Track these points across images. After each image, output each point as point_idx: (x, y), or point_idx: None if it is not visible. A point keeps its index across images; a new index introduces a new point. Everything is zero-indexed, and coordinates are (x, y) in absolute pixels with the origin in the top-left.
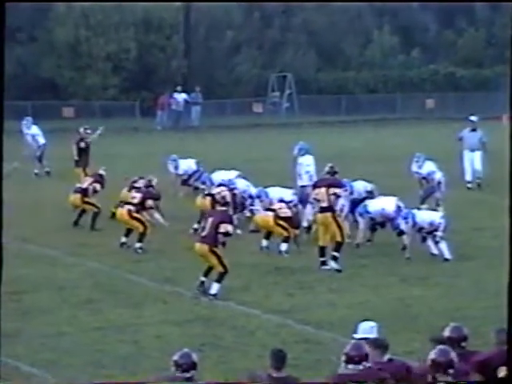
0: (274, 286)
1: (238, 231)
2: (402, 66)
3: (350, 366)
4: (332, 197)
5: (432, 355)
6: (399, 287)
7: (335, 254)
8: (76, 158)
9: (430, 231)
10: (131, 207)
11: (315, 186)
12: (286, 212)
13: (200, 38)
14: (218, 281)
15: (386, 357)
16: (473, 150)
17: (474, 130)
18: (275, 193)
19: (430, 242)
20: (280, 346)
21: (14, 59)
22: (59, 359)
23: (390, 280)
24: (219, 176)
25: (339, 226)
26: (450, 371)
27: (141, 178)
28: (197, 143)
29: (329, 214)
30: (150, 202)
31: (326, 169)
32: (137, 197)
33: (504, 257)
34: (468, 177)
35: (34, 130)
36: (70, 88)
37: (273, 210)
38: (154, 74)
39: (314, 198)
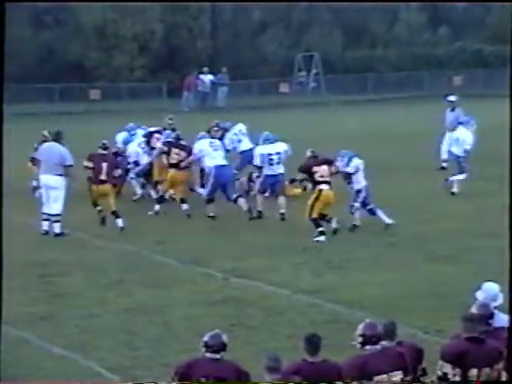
0: (303, 266)
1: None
2: (429, 43)
3: (368, 347)
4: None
5: (473, 309)
6: (428, 265)
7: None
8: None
9: None
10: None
11: (315, 164)
12: None
13: (226, 18)
14: None
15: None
16: (451, 130)
17: (453, 109)
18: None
19: None
20: (310, 326)
21: (41, 43)
22: (90, 341)
23: (419, 258)
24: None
25: None
26: (490, 321)
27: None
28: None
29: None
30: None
31: (309, 153)
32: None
33: None
34: (444, 155)
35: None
36: (97, 70)
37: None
38: (181, 54)
39: (320, 175)
